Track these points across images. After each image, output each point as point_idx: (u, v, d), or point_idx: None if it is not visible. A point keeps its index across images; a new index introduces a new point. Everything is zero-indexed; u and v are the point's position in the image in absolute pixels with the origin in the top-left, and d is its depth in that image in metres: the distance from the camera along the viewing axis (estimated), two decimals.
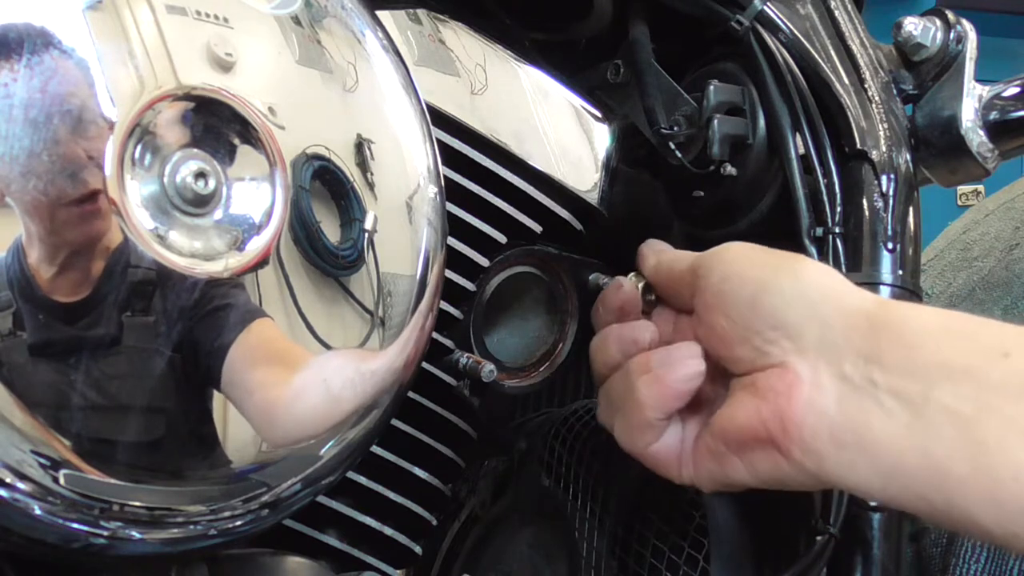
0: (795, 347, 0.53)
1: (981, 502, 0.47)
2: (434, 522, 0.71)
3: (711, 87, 0.70)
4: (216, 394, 0.51)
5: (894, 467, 0.49)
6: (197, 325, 0.49)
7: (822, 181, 0.68)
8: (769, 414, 0.53)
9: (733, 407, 0.55)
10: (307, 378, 0.53)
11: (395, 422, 0.65)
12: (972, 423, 0.47)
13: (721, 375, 0.58)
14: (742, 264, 0.57)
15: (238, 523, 0.53)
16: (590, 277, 0.73)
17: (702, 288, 0.58)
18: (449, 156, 0.65)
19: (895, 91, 0.72)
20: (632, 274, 0.66)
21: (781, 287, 0.54)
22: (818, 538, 0.63)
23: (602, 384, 0.63)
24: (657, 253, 0.65)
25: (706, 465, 0.57)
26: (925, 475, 0.48)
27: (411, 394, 0.66)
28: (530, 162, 0.69)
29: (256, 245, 0.51)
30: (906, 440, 0.49)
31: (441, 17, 0.68)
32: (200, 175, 0.49)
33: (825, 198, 0.68)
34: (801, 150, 0.69)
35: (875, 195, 0.68)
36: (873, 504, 0.64)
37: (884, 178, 0.68)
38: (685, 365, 0.57)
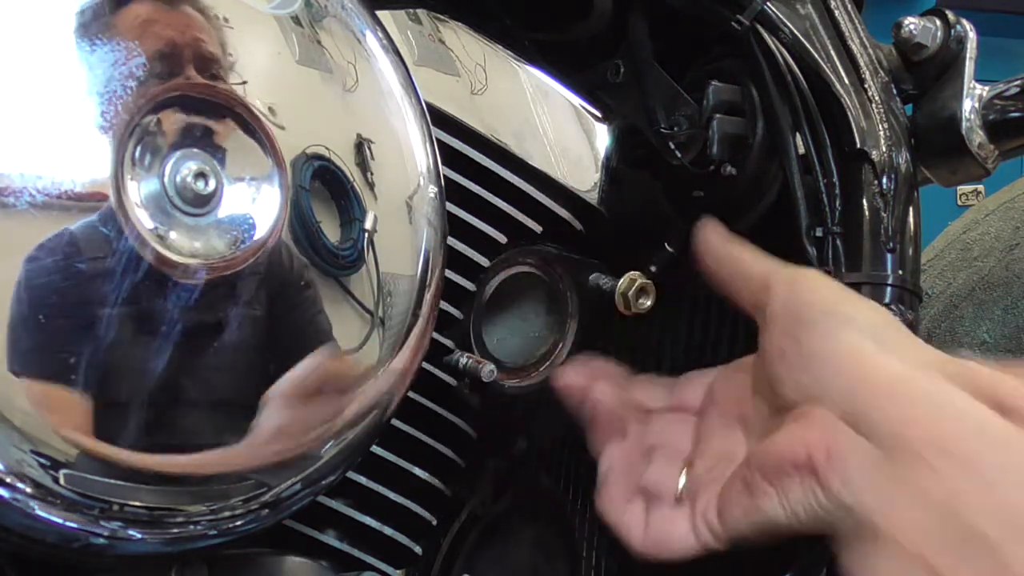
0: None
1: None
2: (434, 522, 0.71)
3: (711, 87, 0.70)
4: (215, 393, 0.51)
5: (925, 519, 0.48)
6: (202, 325, 0.49)
7: (822, 181, 0.68)
8: (815, 440, 0.52)
9: (777, 434, 0.54)
10: (314, 383, 0.53)
11: (395, 422, 0.65)
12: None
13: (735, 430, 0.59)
14: (824, 295, 0.57)
15: (238, 523, 0.53)
16: (590, 277, 0.73)
17: (777, 306, 0.57)
18: (449, 156, 0.65)
19: (895, 91, 0.72)
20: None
21: (842, 345, 0.54)
22: (819, 538, 0.63)
23: None
24: (724, 247, 0.63)
25: (736, 501, 0.55)
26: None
27: (411, 394, 0.66)
28: (530, 162, 0.69)
29: (256, 245, 0.51)
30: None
31: (441, 17, 0.68)
32: (200, 175, 0.49)
33: (825, 198, 0.68)
34: (801, 150, 0.69)
35: (875, 195, 0.68)
36: None
37: (884, 178, 0.68)
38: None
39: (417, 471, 0.69)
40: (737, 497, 0.55)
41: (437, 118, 0.63)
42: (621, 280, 0.71)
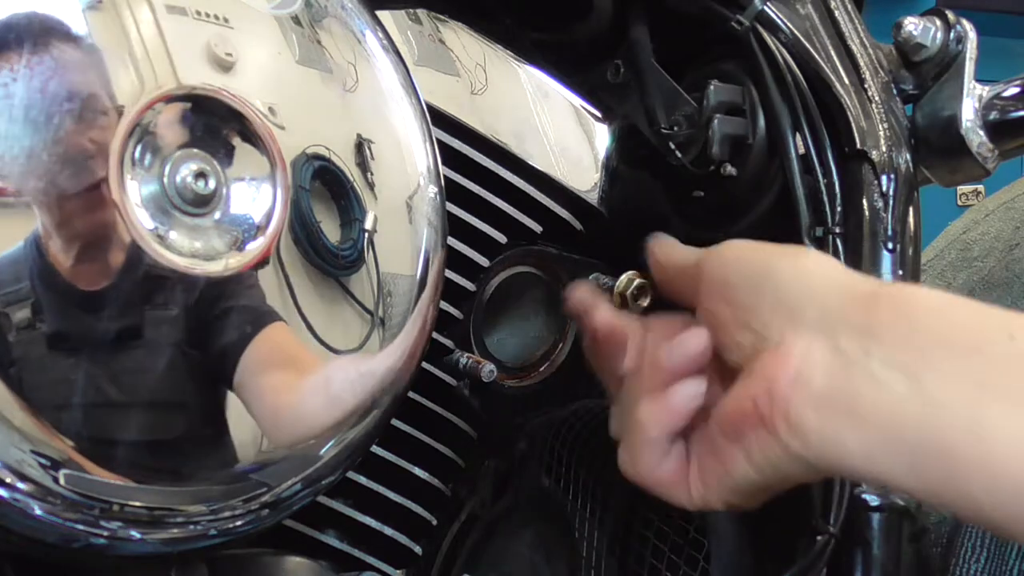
0: (792, 326, 0.52)
1: (977, 479, 0.46)
2: (434, 522, 0.71)
3: (711, 87, 0.70)
4: (217, 394, 0.51)
5: (884, 438, 0.48)
6: (199, 325, 0.49)
7: (822, 181, 0.68)
8: (758, 391, 0.52)
9: (729, 394, 0.55)
10: (312, 383, 0.53)
11: (395, 422, 0.65)
12: (974, 399, 0.46)
13: (720, 380, 0.58)
14: (745, 252, 0.57)
15: (238, 523, 0.53)
16: (590, 277, 0.73)
17: (705, 279, 0.58)
18: (449, 156, 0.65)
19: (895, 91, 0.72)
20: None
21: (782, 269, 0.54)
22: (818, 538, 0.63)
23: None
24: (664, 250, 0.64)
25: (711, 469, 0.56)
26: (917, 447, 0.47)
27: (411, 394, 0.66)
28: (530, 162, 0.69)
29: (256, 245, 0.51)
30: (898, 410, 0.48)
31: (441, 17, 0.68)
32: (200, 175, 0.49)
33: (825, 198, 0.68)
34: (801, 150, 0.69)
35: (875, 195, 0.68)
36: (873, 504, 0.64)
37: (884, 178, 0.68)
38: (686, 386, 0.56)
39: (417, 471, 0.69)
40: (712, 467, 0.55)
41: (437, 118, 0.63)
42: (619, 280, 0.71)
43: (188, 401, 0.50)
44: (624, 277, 0.71)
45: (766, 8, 0.69)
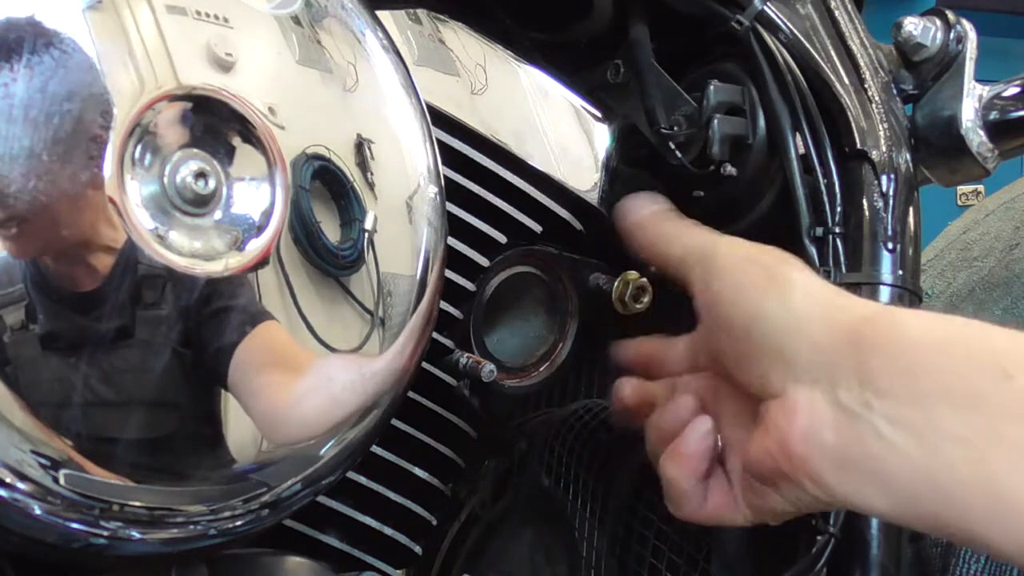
0: (791, 374, 0.53)
1: (994, 528, 0.47)
2: (434, 522, 0.71)
3: (711, 87, 0.70)
4: (216, 394, 0.51)
5: (902, 492, 0.49)
6: (200, 325, 0.49)
7: (822, 181, 0.68)
8: (775, 448, 0.52)
9: (751, 442, 0.55)
10: (311, 382, 0.53)
11: (395, 422, 0.65)
12: (980, 452, 0.47)
13: (741, 408, 0.58)
14: (733, 282, 0.56)
15: (238, 523, 0.53)
16: (590, 277, 0.73)
17: (698, 299, 0.58)
18: (449, 156, 0.65)
19: (895, 91, 0.72)
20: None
21: (770, 313, 0.54)
22: (818, 538, 0.63)
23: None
24: (646, 223, 0.63)
25: (754, 503, 0.56)
26: (935, 500, 0.48)
27: (411, 394, 0.66)
28: (530, 162, 0.69)
29: (256, 245, 0.51)
30: (911, 467, 0.48)
31: (441, 17, 0.68)
32: (200, 175, 0.49)
33: (825, 198, 0.68)
34: (801, 150, 0.69)
35: (875, 195, 0.68)
36: None
37: (884, 178, 0.68)
38: (694, 430, 0.58)
39: (417, 471, 0.69)
40: (755, 500, 0.56)
41: (437, 118, 0.63)
42: (617, 280, 0.72)
43: (189, 401, 0.50)
44: (620, 279, 0.71)
45: (766, 8, 0.69)
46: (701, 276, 0.58)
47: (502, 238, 0.69)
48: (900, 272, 0.67)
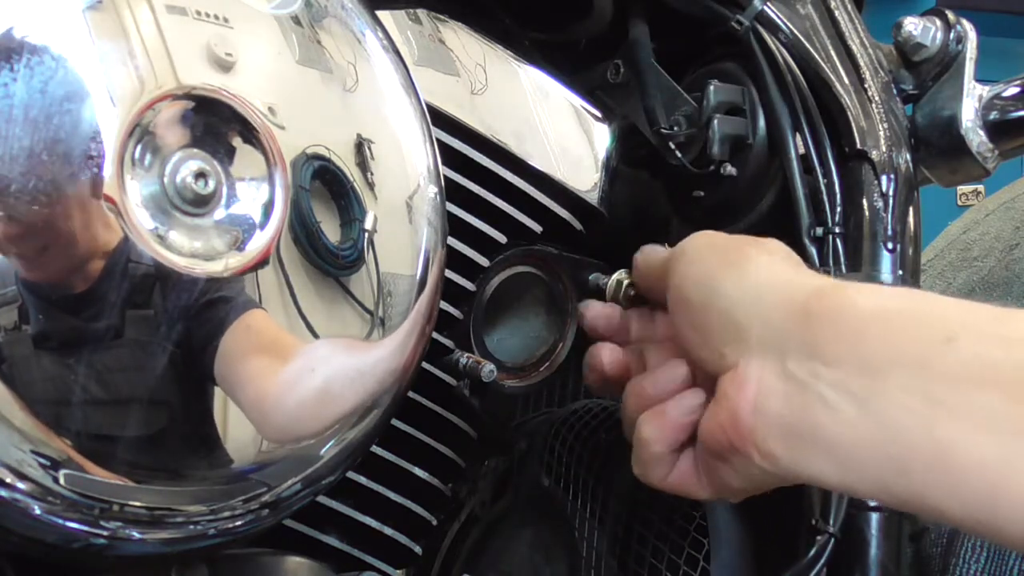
0: (744, 347, 0.53)
1: (940, 492, 0.46)
2: (434, 522, 0.71)
3: (711, 87, 0.70)
4: (215, 392, 0.51)
5: (851, 461, 0.49)
6: (193, 321, 0.49)
7: (822, 181, 0.68)
8: (725, 421, 0.53)
9: (705, 416, 0.55)
10: (300, 366, 0.53)
11: (395, 422, 0.65)
12: (923, 417, 0.46)
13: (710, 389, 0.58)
14: (696, 264, 0.57)
15: (238, 523, 0.53)
16: (590, 277, 0.73)
17: (669, 289, 0.58)
18: (449, 156, 0.65)
19: (895, 91, 0.72)
20: (619, 272, 0.65)
21: (726, 287, 0.54)
22: (818, 538, 0.63)
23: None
24: (644, 257, 0.64)
25: (711, 477, 0.56)
26: (884, 467, 0.48)
27: (411, 394, 0.66)
28: (530, 162, 0.69)
29: (256, 245, 0.51)
30: (859, 435, 0.48)
31: (441, 17, 0.68)
32: (200, 175, 0.49)
33: (825, 198, 0.68)
34: (801, 150, 0.69)
35: (875, 195, 0.68)
36: (873, 504, 0.64)
37: (884, 178, 0.68)
38: (683, 400, 0.57)
39: (417, 471, 0.69)
40: (711, 475, 0.56)
41: (437, 118, 0.63)
42: (610, 280, 0.71)
43: (189, 401, 0.50)
44: (614, 277, 0.71)
45: (766, 8, 0.69)
46: (672, 266, 0.58)
47: (502, 238, 0.69)
48: (900, 272, 0.67)
